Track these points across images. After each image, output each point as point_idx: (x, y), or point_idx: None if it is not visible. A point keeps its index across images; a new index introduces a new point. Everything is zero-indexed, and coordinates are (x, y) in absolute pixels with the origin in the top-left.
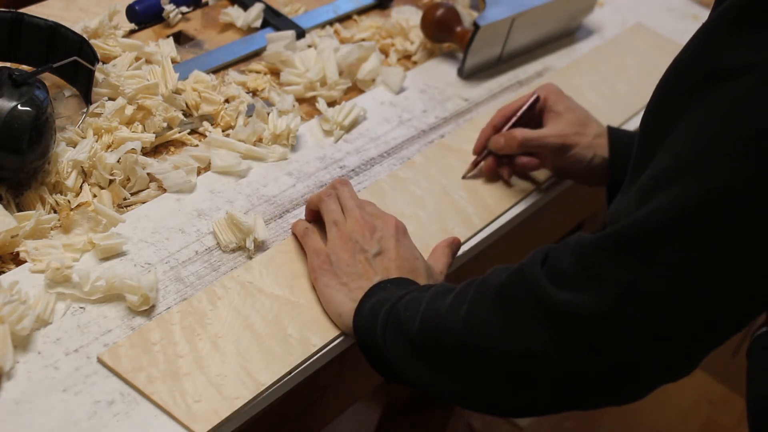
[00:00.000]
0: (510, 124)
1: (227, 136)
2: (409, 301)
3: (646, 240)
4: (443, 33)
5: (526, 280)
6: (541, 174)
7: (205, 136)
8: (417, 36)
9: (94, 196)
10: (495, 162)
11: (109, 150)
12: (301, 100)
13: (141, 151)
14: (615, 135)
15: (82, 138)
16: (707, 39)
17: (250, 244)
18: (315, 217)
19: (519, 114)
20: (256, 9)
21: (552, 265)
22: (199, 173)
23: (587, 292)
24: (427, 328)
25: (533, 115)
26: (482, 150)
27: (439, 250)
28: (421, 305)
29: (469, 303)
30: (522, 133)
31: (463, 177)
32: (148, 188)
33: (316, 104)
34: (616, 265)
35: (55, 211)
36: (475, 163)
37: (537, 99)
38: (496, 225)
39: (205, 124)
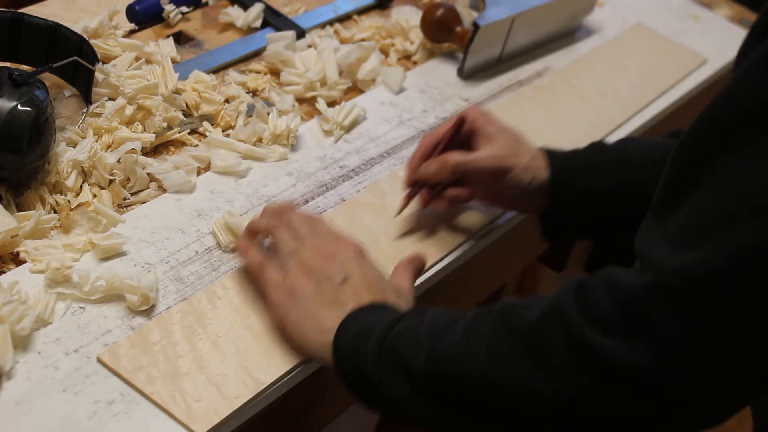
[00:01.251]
0: (438, 150)
1: (227, 136)
2: (402, 335)
3: (703, 290)
4: (443, 33)
5: (563, 323)
6: None
7: (205, 136)
8: (417, 36)
9: (94, 196)
10: (429, 193)
11: (109, 150)
12: (301, 100)
13: (141, 151)
14: (551, 155)
15: (82, 138)
16: (762, 71)
17: None
18: (253, 238)
19: (447, 139)
20: (256, 9)
21: (590, 308)
22: (199, 173)
23: (638, 341)
24: (438, 370)
25: (461, 140)
26: (413, 182)
27: (400, 268)
28: (422, 342)
29: (490, 345)
30: (455, 156)
31: (396, 215)
32: (148, 188)
33: (316, 104)
34: (673, 317)
35: (55, 211)
36: (409, 197)
37: (463, 121)
38: (496, 224)
39: (205, 124)
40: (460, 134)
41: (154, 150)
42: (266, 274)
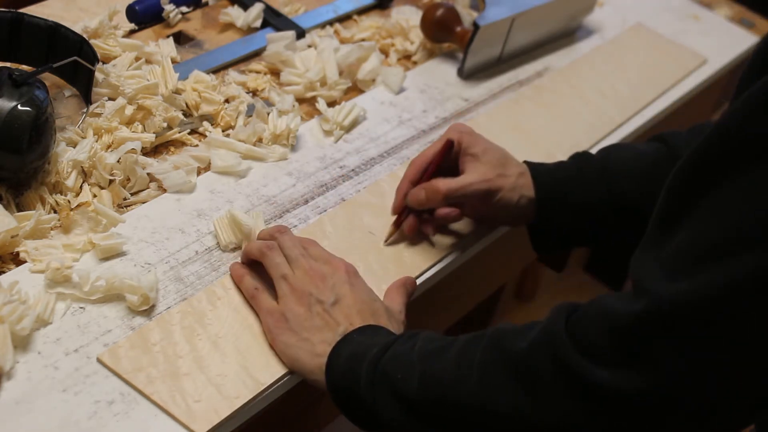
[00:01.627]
0: (428, 175)
1: (227, 136)
2: (395, 359)
3: (698, 319)
4: (443, 33)
5: (554, 351)
6: None
7: (205, 136)
8: (417, 36)
9: (94, 196)
10: (416, 220)
11: (109, 150)
12: (301, 100)
13: (141, 151)
14: (537, 171)
15: (82, 138)
16: (762, 103)
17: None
18: (251, 263)
19: (436, 163)
20: (256, 9)
21: (581, 336)
22: (199, 173)
23: (631, 369)
24: (431, 394)
25: (448, 161)
26: (402, 209)
27: (393, 290)
28: (415, 366)
29: (482, 371)
30: (445, 184)
31: (386, 243)
32: (148, 188)
33: (316, 104)
34: (666, 345)
35: (55, 211)
36: (397, 225)
37: (451, 144)
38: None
39: (205, 124)
40: (449, 156)
41: (154, 150)
42: (259, 301)
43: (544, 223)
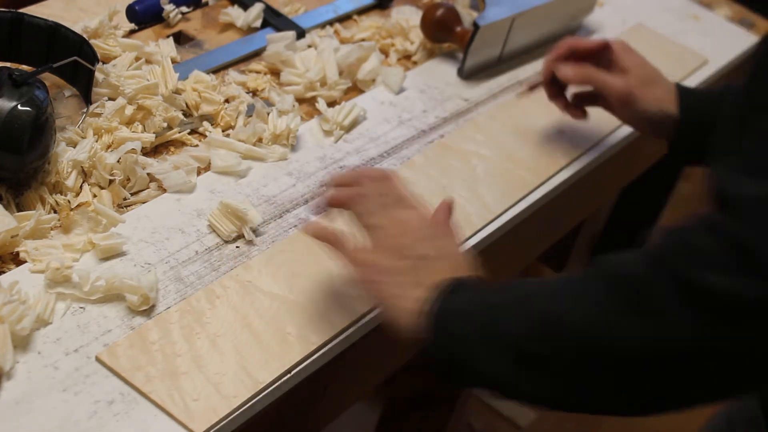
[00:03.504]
0: (575, 57)
1: (227, 136)
2: (500, 308)
3: None
4: (443, 33)
5: (670, 271)
6: (549, 167)
7: (205, 136)
8: (417, 36)
9: (94, 196)
10: (554, 91)
11: (109, 150)
12: (301, 100)
13: (141, 151)
14: (685, 93)
15: (82, 138)
16: None
17: (249, 235)
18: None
19: (585, 50)
20: (256, 9)
21: (695, 252)
22: (199, 173)
23: (749, 276)
24: (542, 337)
25: (600, 61)
26: (549, 77)
27: (445, 221)
28: (520, 310)
29: (597, 303)
30: (592, 70)
31: (520, 95)
32: (148, 188)
33: (316, 104)
34: None
35: (55, 211)
36: (534, 85)
37: (606, 46)
38: (496, 224)
39: (205, 124)
40: (599, 55)
41: (154, 150)
42: (348, 249)
43: (688, 142)
